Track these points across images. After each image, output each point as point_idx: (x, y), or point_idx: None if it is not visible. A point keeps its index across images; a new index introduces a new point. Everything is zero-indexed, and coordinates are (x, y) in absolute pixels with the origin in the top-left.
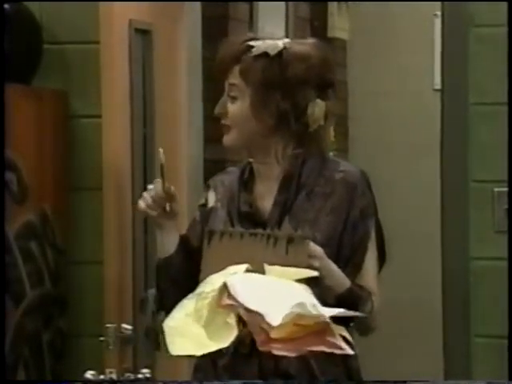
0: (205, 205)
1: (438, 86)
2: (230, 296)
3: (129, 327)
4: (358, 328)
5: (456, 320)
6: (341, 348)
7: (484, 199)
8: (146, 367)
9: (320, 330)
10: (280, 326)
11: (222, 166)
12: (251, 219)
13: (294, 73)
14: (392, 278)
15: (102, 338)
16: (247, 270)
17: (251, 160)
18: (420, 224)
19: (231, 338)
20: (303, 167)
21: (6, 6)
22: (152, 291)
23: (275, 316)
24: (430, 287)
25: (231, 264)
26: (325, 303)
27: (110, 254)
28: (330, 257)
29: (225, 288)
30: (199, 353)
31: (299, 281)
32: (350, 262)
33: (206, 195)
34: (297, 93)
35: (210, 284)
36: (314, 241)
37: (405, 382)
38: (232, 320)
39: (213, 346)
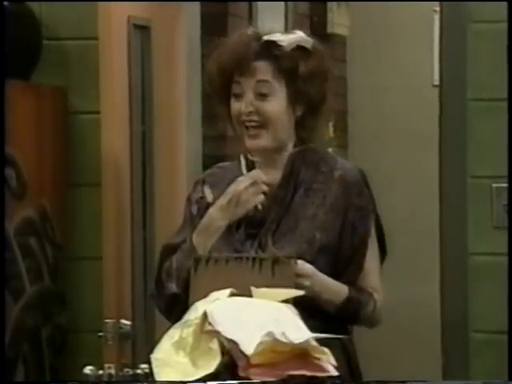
0: (202, 199)
1: (438, 82)
2: (210, 324)
3: (128, 323)
4: (363, 325)
5: (454, 315)
6: (324, 370)
7: (482, 195)
8: (144, 363)
9: (301, 354)
10: (258, 352)
11: (221, 162)
12: (250, 220)
13: (327, 64)
14: (390, 274)
15: (100, 334)
16: (232, 294)
17: (250, 157)
18: (419, 220)
19: (215, 364)
20: (302, 163)
21: (6, 2)
22: None
23: (249, 345)
24: (429, 282)
25: (218, 289)
26: (326, 313)
27: (109, 250)
28: (329, 256)
29: (205, 316)
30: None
31: (287, 300)
32: (352, 262)
33: (203, 190)
34: (327, 84)
35: (194, 311)
36: (313, 240)
37: (403, 382)
38: (215, 345)
39: (198, 374)
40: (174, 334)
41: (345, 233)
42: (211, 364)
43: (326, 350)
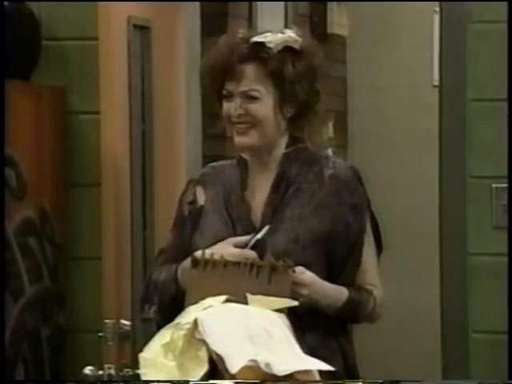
0: (193, 202)
1: (438, 82)
2: (199, 332)
3: (127, 323)
4: (363, 322)
5: (454, 315)
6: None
7: (482, 195)
8: None
9: None
10: (244, 369)
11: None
12: (244, 223)
13: (317, 63)
14: (390, 274)
15: (100, 334)
16: (227, 300)
17: (246, 157)
18: (418, 220)
19: (201, 373)
20: (295, 164)
21: (6, 2)
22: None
23: (234, 363)
24: (428, 283)
25: (215, 293)
26: (326, 314)
27: (109, 250)
28: (322, 254)
29: (196, 323)
30: None
31: (281, 309)
32: (349, 260)
33: (194, 191)
34: (317, 83)
35: (187, 315)
36: (297, 239)
37: (397, 381)
38: (203, 354)
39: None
40: (165, 334)
41: (338, 231)
42: (197, 372)
43: (311, 370)
